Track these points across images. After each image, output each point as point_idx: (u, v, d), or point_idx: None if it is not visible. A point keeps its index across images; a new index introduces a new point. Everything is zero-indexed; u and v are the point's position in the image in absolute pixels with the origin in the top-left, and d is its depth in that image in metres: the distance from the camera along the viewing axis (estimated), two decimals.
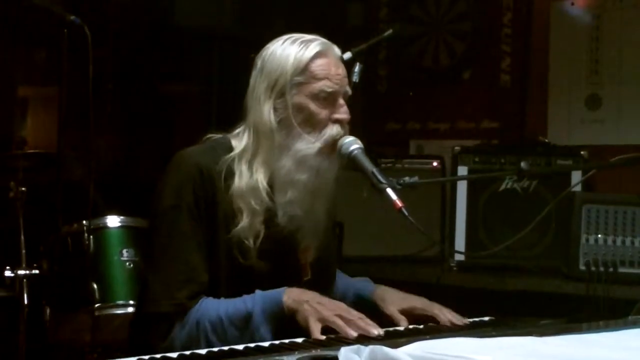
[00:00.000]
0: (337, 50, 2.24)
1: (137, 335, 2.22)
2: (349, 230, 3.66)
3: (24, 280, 3.25)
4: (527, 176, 3.49)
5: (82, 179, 3.39)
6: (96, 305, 3.26)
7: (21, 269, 3.27)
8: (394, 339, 1.92)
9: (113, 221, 3.44)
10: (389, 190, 2.16)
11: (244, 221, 2.13)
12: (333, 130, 2.18)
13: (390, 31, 3.40)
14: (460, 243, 3.62)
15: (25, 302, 3.24)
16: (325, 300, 2.09)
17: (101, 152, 4.69)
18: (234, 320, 2.07)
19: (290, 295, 2.07)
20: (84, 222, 3.33)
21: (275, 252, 2.18)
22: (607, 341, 1.53)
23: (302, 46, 2.18)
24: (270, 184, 2.18)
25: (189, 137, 2.37)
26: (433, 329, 2.13)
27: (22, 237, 3.33)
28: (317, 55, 2.17)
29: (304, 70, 2.16)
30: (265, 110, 2.16)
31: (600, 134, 3.99)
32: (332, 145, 2.18)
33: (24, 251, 3.31)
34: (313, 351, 1.72)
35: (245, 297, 2.10)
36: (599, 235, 3.28)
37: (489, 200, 3.64)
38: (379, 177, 2.17)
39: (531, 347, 1.44)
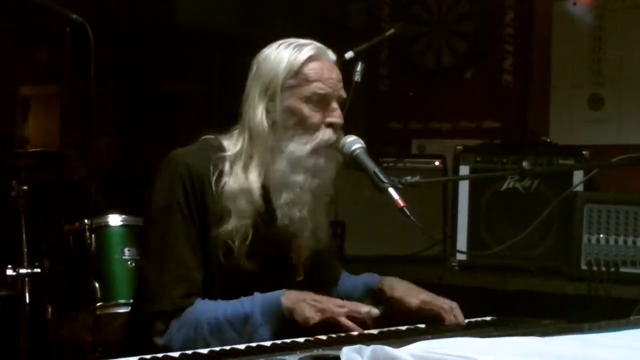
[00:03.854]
0: (331, 54, 2.25)
1: (133, 334, 2.23)
2: (351, 230, 3.65)
3: (26, 279, 3.25)
4: (529, 176, 3.48)
5: (84, 177, 3.40)
6: (98, 304, 3.26)
7: (23, 268, 3.26)
8: (396, 339, 1.92)
9: (115, 220, 3.44)
10: (391, 190, 2.16)
11: (231, 223, 2.13)
12: (326, 134, 2.18)
13: (392, 30, 3.40)
14: (462, 242, 3.62)
15: (27, 300, 3.24)
16: (321, 297, 2.11)
17: (103, 151, 4.69)
18: (232, 322, 2.07)
19: (289, 297, 2.08)
20: (86, 220, 3.33)
21: (265, 253, 2.18)
22: (608, 341, 1.53)
23: (295, 50, 2.19)
24: (266, 186, 2.18)
25: (190, 136, 2.38)
26: (435, 329, 2.13)
27: (24, 236, 3.33)
28: (310, 58, 2.18)
29: (296, 73, 2.17)
30: (258, 113, 2.17)
31: (602, 133, 3.99)
32: (326, 147, 2.18)
33: (25, 250, 3.31)
34: (315, 351, 1.72)
35: (244, 299, 2.11)
36: (601, 235, 3.28)
37: (490, 199, 3.63)
38: (381, 176, 2.17)
39: (533, 347, 1.44)
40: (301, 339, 1.94)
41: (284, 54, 2.18)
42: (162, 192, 2.18)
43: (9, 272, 3.25)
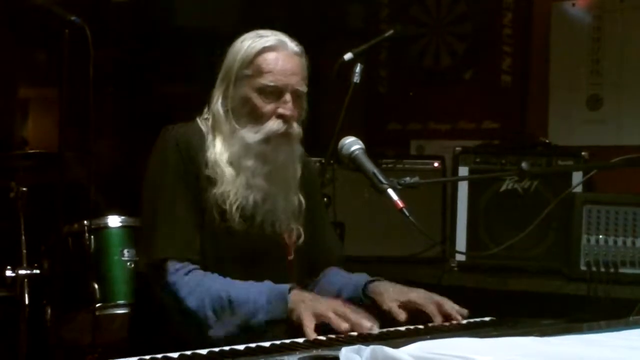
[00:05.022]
0: (292, 46, 2.29)
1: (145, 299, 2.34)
2: (350, 231, 3.65)
3: (25, 280, 3.25)
4: (528, 176, 3.48)
5: (83, 179, 3.40)
6: (97, 305, 3.26)
7: (22, 269, 3.27)
8: (395, 339, 1.92)
9: (114, 221, 3.45)
10: (390, 191, 2.16)
11: (219, 188, 2.23)
12: (274, 124, 2.24)
13: (391, 31, 3.40)
14: (461, 243, 3.62)
15: (26, 302, 3.24)
16: (322, 298, 2.12)
17: (102, 152, 4.69)
18: (234, 301, 2.11)
19: (292, 297, 2.08)
20: (85, 222, 3.34)
21: (255, 219, 2.26)
22: (608, 341, 1.53)
23: (253, 40, 2.27)
24: (230, 164, 2.28)
25: None
26: (434, 329, 2.13)
27: (23, 237, 3.33)
28: (265, 49, 2.25)
29: (250, 64, 2.25)
30: (215, 99, 2.30)
31: (601, 134, 3.99)
32: (279, 137, 2.25)
33: (24, 251, 3.31)
34: (314, 351, 1.72)
35: (254, 282, 2.16)
36: (600, 236, 3.28)
37: (490, 200, 3.63)
38: (380, 177, 2.18)
39: (532, 348, 1.44)
40: (300, 340, 1.95)
41: (244, 44, 2.27)
42: (157, 159, 2.30)
43: (8, 273, 3.25)
